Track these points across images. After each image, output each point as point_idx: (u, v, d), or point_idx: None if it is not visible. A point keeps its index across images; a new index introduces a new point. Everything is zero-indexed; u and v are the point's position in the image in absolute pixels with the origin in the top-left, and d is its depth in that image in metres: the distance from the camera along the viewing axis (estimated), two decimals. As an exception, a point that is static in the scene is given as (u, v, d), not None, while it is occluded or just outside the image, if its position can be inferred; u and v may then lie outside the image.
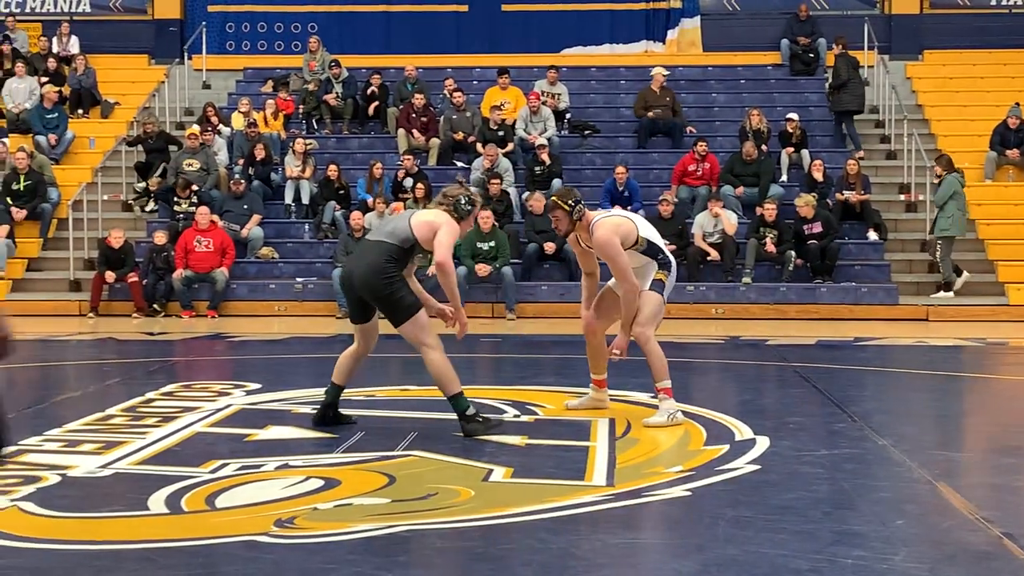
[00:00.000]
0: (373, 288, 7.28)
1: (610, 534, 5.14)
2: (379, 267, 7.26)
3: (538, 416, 8.16)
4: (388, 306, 7.32)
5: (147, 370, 10.57)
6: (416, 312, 7.33)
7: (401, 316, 7.31)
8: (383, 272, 7.25)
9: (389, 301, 7.30)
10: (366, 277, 7.29)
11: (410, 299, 7.35)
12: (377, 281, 7.26)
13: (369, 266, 7.32)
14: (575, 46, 23.28)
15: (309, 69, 21.50)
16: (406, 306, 7.30)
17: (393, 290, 7.26)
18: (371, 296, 7.33)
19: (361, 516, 5.41)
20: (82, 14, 23.91)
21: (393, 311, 7.33)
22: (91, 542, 5.02)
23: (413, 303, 7.35)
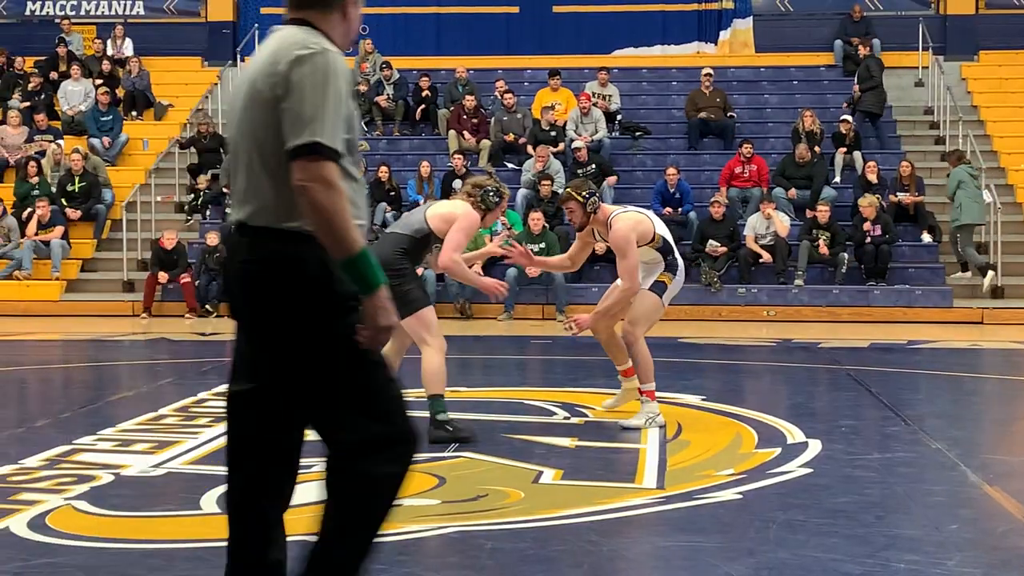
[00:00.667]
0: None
1: (660, 537, 5.12)
2: (389, 258, 7.14)
3: (588, 418, 8.13)
4: (397, 298, 7.17)
5: (199, 370, 10.64)
6: (422, 308, 7.20)
7: (406, 310, 7.12)
8: (392, 263, 7.11)
9: (398, 293, 7.13)
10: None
11: (417, 294, 7.24)
12: (388, 273, 7.14)
13: (379, 256, 7.22)
14: (626, 47, 23.23)
15: (361, 71, 21.58)
16: (411, 299, 7.15)
17: (401, 282, 7.07)
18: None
19: (411, 517, 5.41)
20: (136, 17, 24.14)
21: (401, 303, 7.05)
22: (143, 541, 5.05)
23: (419, 298, 7.24)
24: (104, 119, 20.35)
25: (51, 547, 4.91)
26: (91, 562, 4.73)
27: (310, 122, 3.32)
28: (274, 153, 3.41)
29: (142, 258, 17.91)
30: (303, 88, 3.36)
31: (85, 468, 6.42)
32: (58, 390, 10.71)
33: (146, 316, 16.51)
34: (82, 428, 7.56)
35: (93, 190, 18.53)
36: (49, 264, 17.62)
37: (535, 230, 16.38)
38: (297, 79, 3.37)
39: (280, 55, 3.45)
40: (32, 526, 5.20)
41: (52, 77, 21.53)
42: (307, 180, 3.30)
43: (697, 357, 12.30)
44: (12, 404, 9.84)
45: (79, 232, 18.50)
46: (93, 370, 11.85)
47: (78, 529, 5.19)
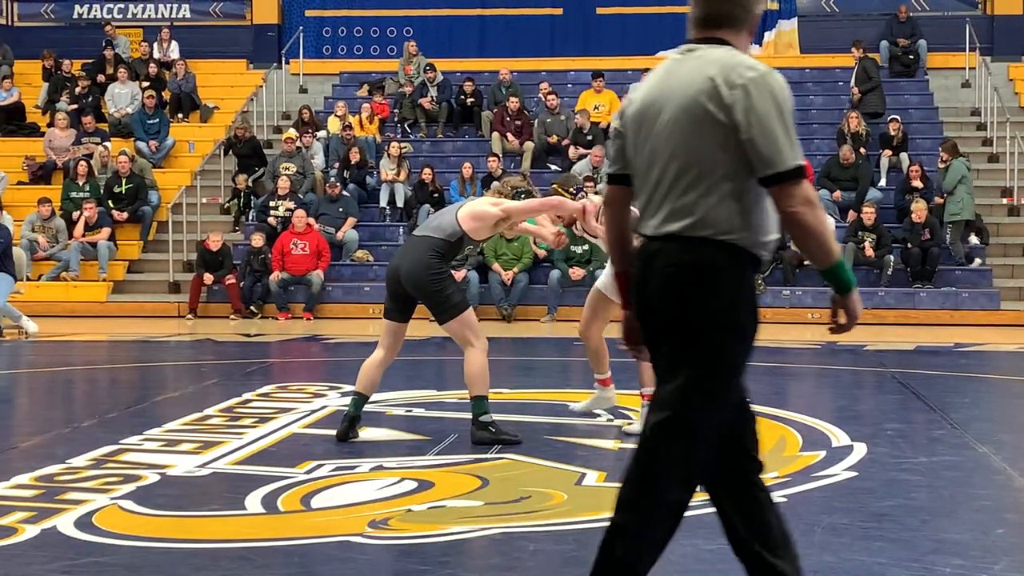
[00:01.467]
0: (420, 284, 7.12)
1: (704, 539, 5.09)
2: (425, 263, 7.11)
3: (631, 421, 8.11)
4: (435, 303, 7.19)
5: (244, 371, 10.70)
6: (463, 310, 7.20)
7: (448, 314, 7.16)
8: (430, 267, 7.11)
9: (437, 298, 7.16)
10: (413, 272, 7.13)
11: (458, 297, 7.24)
12: (424, 277, 7.10)
13: (415, 262, 7.17)
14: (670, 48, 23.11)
15: (405, 73, 21.66)
16: (454, 304, 7.16)
17: (442, 287, 7.12)
18: (418, 292, 7.17)
19: (455, 518, 5.42)
20: (182, 20, 24.33)
21: (440, 308, 7.18)
22: (188, 540, 5.08)
23: (461, 301, 7.23)
24: (151, 122, 20.51)
25: (97, 546, 4.95)
26: (136, 561, 4.76)
27: (784, 148, 3.48)
28: (709, 171, 3.53)
29: (188, 259, 18.04)
30: (767, 115, 3.49)
31: (131, 468, 6.46)
32: (105, 390, 10.80)
33: (191, 317, 16.62)
34: (128, 428, 7.62)
35: (140, 192, 18.68)
36: (96, 265, 17.77)
37: (578, 233, 16.33)
38: (757, 105, 3.50)
39: (725, 78, 3.54)
40: (79, 525, 5.24)
41: (99, 80, 21.72)
42: (796, 205, 3.49)
43: (741, 359, 12.22)
44: (59, 404, 9.94)
45: (126, 234, 18.65)
46: (139, 371, 11.94)
47: (124, 528, 5.23)
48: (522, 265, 16.40)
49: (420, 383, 9.91)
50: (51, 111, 21.12)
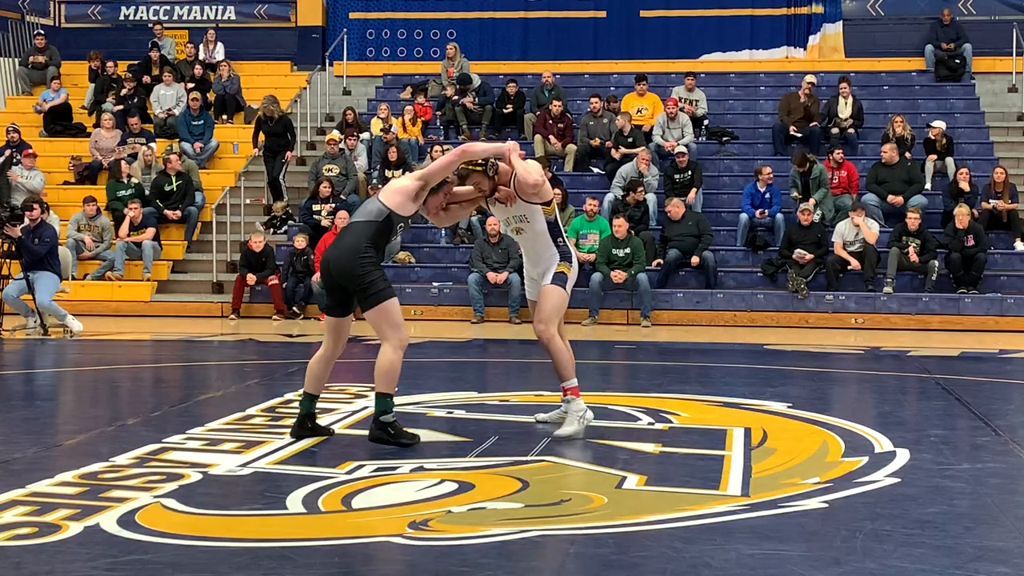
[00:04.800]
0: (347, 270, 6.97)
1: (745, 544, 5.07)
2: (354, 247, 6.99)
3: (672, 424, 8.09)
4: (359, 289, 6.97)
5: (286, 371, 10.74)
6: (387, 300, 7.00)
7: (370, 301, 6.98)
8: (358, 252, 6.97)
9: (361, 283, 6.97)
10: (341, 259, 7.01)
11: (381, 285, 7.01)
12: (351, 262, 6.97)
13: (344, 248, 7.04)
14: (714, 52, 23.12)
15: (447, 75, 21.69)
16: (377, 291, 6.98)
17: (367, 271, 6.95)
18: (346, 279, 7.00)
19: (495, 520, 5.42)
20: (227, 21, 24.50)
21: (363, 295, 6.99)
22: (230, 539, 5.10)
23: (385, 290, 7.01)
24: (195, 123, 20.64)
25: (140, 544, 4.98)
26: (179, 559, 4.79)
27: None
28: None
29: (231, 260, 18.14)
30: None
31: (174, 466, 6.50)
32: (148, 389, 10.88)
33: (234, 317, 16.72)
34: (172, 427, 7.67)
35: (187, 191, 18.82)
36: (141, 265, 17.91)
37: (619, 235, 16.34)
38: None
39: None
40: (122, 523, 5.27)
41: (145, 81, 21.89)
42: None
43: (783, 364, 12.19)
44: (104, 403, 10.01)
45: (170, 234, 18.79)
46: (183, 370, 12.02)
47: (167, 527, 5.26)
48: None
49: (461, 385, 9.92)
50: (97, 112, 21.31)
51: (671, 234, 17.00)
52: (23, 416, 8.77)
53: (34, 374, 11.82)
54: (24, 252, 14.47)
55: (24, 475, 6.20)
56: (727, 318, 16.46)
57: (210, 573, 4.61)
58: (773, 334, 15.30)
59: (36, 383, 11.23)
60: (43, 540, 4.99)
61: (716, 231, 17.57)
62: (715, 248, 17.22)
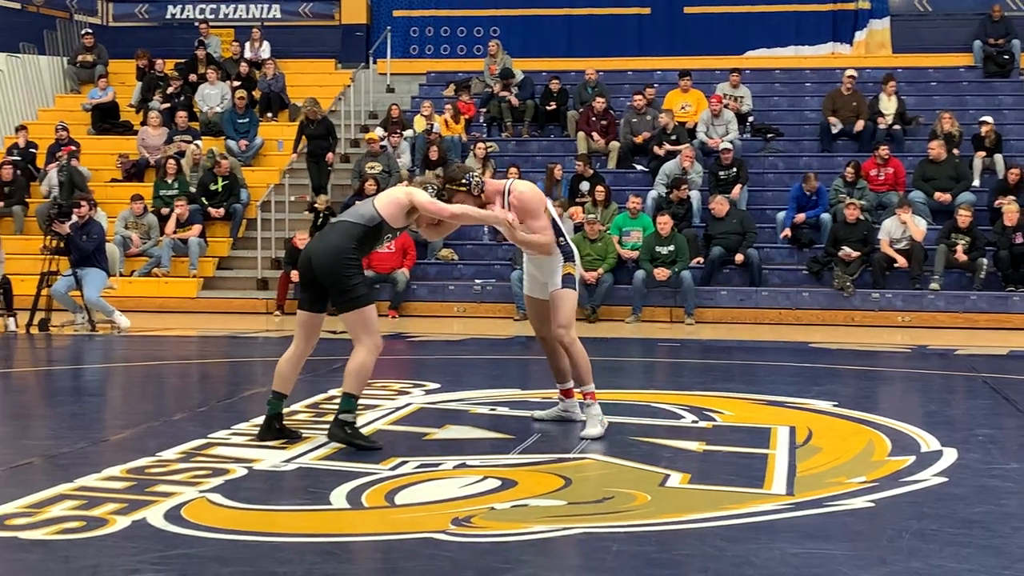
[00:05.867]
0: (328, 269, 6.86)
1: (789, 543, 5.05)
2: (339, 247, 6.88)
3: (716, 422, 8.06)
4: (339, 290, 6.89)
5: (330, 368, 10.78)
6: (366, 305, 6.92)
7: (349, 304, 6.88)
8: (342, 252, 6.87)
9: (342, 286, 6.87)
10: (324, 257, 6.89)
11: (363, 289, 6.93)
12: (336, 262, 6.85)
13: (328, 246, 6.93)
14: (759, 48, 23.00)
15: (490, 73, 21.70)
16: (357, 295, 6.88)
17: (349, 275, 6.86)
18: (326, 278, 6.89)
19: (537, 517, 5.42)
20: (273, 20, 24.63)
21: (343, 297, 6.89)
22: (274, 534, 5.13)
23: (365, 294, 6.94)
24: (240, 121, 20.76)
25: (186, 538, 5.01)
26: (224, 554, 4.82)
27: None
28: None
29: (276, 257, 18.23)
30: None
31: (220, 461, 6.54)
32: (194, 385, 10.96)
33: (279, 314, 16.80)
34: (217, 422, 7.72)
35: (233, 189, 18.93)
36: (187, 262, 18.03)
37: (664, 233, 16.30)
38: None
39: None
40: (168, 517, 5.31)
41: (191, 79, 22.03)
42: None
43: (829, 362, 12.12)
44: (150, 398, 10.09)
45: (216, 231, 18.90)
46: (228, 366, 12.09)
47: (212, 521, 5.30)
48: (607, 265, 16.37)
49: (504, 382, 9.92)
50: (144, 110, 21.46)
51: (715, 231, 16.94)
52: (71, 411, 8.86)
53: (82, 370, 11.93)
54: (72, 249, 14.60)
55: (72, 469, 6.26)
56: (772, 316, 16.37)
57: (255, 568, 4.63)
58: (818, 332, 15.21)
59: (84, 379, 11.34)
60: (91, 534, 5.04)
61: (760, 228, 17.49)
62: (759, 245, 17.13)
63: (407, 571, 4.67)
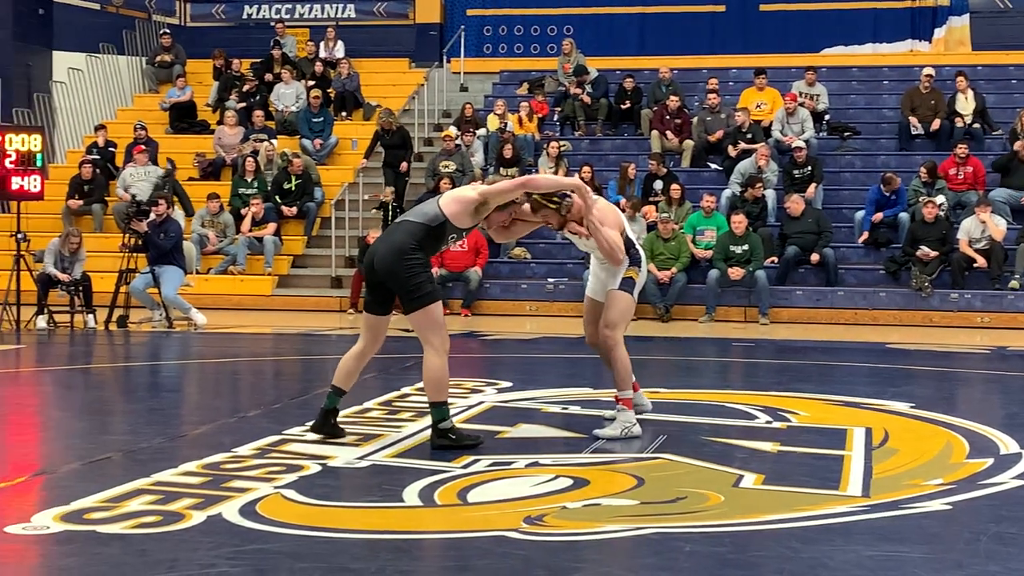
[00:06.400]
0: (393, 269, 6.79)
1: (864, 546, 4.99)
2: (402, 247, 6.80)
3: (791, 423, 7.99)
4: (405, 291, 6.81)
5: (402, 366, 10.83)
6: (432, 303, 6.82)
7: (415, 304, 6.79)
8: (406, 252, 6.79)
9: (407, 285, 6.79)
10: (387, 257, 6.81)
11: (429, 288, 6.82)
12: (398, 262, 6.78)
13: (392, 246, 6.84)
14: (835, 46, 22.79)
15: (563, 71, 21.69)
16: (423, 294, 6.79)
17: (414, 274, 6.78)
18: (390, 279, 6.83)
19: (609, 517, 5.41)
20: (347, 19, 24.79)
21: (408, 297, 6.81)
22: (348, 531, 5.15)
23: (431, 292, 6.83)
24: (315, 120, 20.91)
25: (261, 534, 5.05)
26: (298, 550, 4.85)
27: None
28: None
29: (349, 255, 18.34)
30: None
31: (294, 458, 6.59)
32: (269, 382, 11.05)
33: (352, 312, 16.88)
34: (292, 419, 7.78)
35: (306, 188, 19.08)
36: (262, 260, 18.20)
37: (738, 232, 16.19)
38: None
39: None
40: (243, 513, 5.36)
41: (267, 79, 22.23)
42: None
43: (906, 363, 11.97)
44: (226, 394, 10.20)
45: (290, 229, 19.06)
46: (302, 363, 12.19)
47: (286, 517, 5.34)
48: (680, 264, 16.29)
49: (577, 381, 9.92)
50: (221, 109, 21.69)
51: (790, 231, 16.79)
52: (148, 407, 8.97)
53: (159, 366, 12.08)
54: (150, 247, 14.80)
55: (149, 464, 6.34)
56: (848, 316, 16.21)
57: (328, 564, 4.66)
58: (895, 333, 15.03)
59: (161, 375, 11.48)
60: (168, 528, 5.10)
61: (837, 228, 17.31)
62: (836, 245, 16.96)
63: (479, 569, 4.67)
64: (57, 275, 14.74)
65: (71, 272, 14.83)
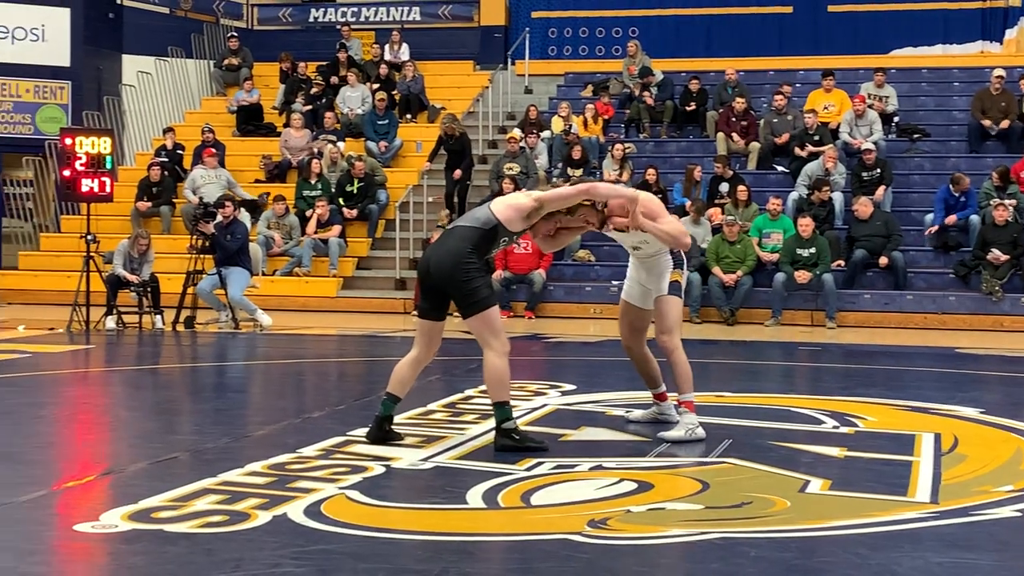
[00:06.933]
0: (448, 274, 6.81)
1: (933, 553, 4.93)
2: (457, 252, 6.81)
3: (858, 428, 7.91)
4: (462, 296, 6.84)
5: (467, 367, 10.84)
6: (489, 307, 6.84)
7: (472, 308, 6.82)
8: (461, 257, 6.80)
9: (463, 290, 6.81)
10: (443, 262, 6.85)
11: (485, 292, 6.85)
12: (454, 266, 6.80)
13: (447, 251, 6.88)
14: (905, 47, 22.54)
15: (628, 73, 21.63)
16: (480, 298, 6.81)
17: (470, 278, 6.79)
18: (446, 284, 6.86)
19: (674, 521, 5.37)
20: (412, 22, 24.87)
21: (465, 301, 6.83)
22: (411, 532, 5.16)
23: (488, 296, 6.85)
24: (380, 122, 21.00)
25: (325, 534, 5.07)
26: (362, 551, 4.87)
27: None
28: None
29: (414, 257, 18.39)
30: None
31: (358, 459, 6.62)
32: (334, 383, 11.11)
33: (416, 314, 16.93)
34: (356, 420, 7.80)
35: (369, 190, 19.16)
36: (327, 261, 18.30)
37: (805, 235, 16.05)
38: None
39: None
40: (308, 513, 5.39)
41: (333, 82, 22.36)
42: None
43: (976, 368, 11.81)
44: (291, 395, 10.26)
45: (355, 231, 19.15)
46: (366, 365, 12.23)
47: (350, 518, 5.35)
48: (746, 268, 16.19)
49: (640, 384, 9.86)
50: (287, 112, 21.85)
51: (858, 234, 16.62)
52: (215, 407, 9.05)
53: (225, 367, 12.19)
54: (217, 248, 14.93)
55: (216, 464, 6.39)
56: (917, 320, 16.02)
57: (392, 565, 4.67)
58: (965, 337, 14.83)
59: (227, 375, 11.58)
60: (233, 528, 5.13)
61: (906, 231, 17.12)
62: (904, 248, 16.77)
63: (542, 572, 4.66)
64: (126, 276, 14.91)
65: (140, 273, 14.99)
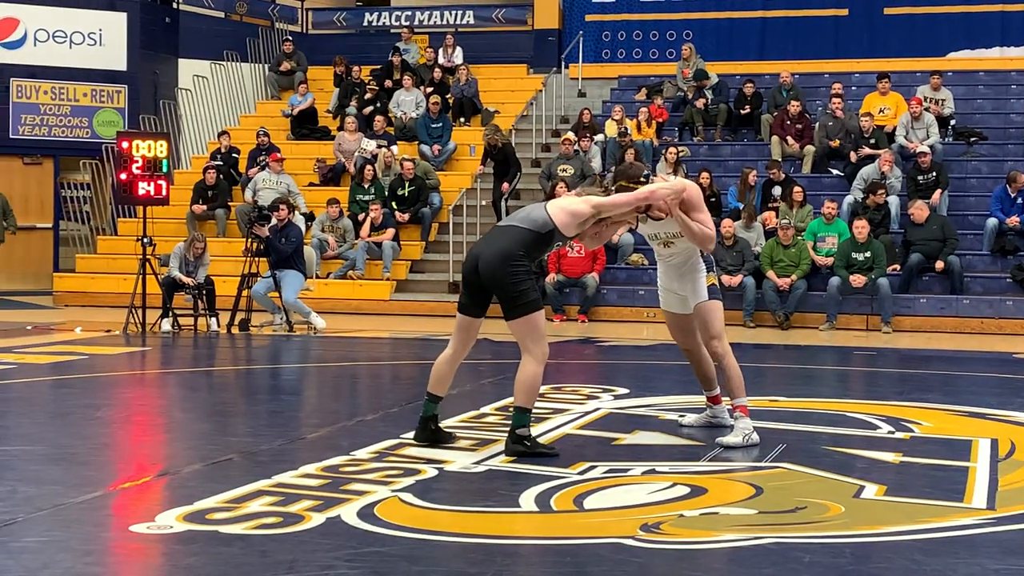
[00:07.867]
0: (497, 274, 6.75)
1: (991, 559, 4.88)
2: (508, 252, 6.75)
3: (914, 433, 7.84)
4: (508, 297, 6.78)
5: (520, 371, 10.85)
6: (534, 312, 6.78)
7: (517, 311, 6.77)
8: (512, 258, 6.73)
9: (511, 292, 6.75)
10: (492, 262, 6.77)
11: (532, 295, 6.79)
12: (504, 268, 6.73)
13: (498, 251, 6.80)
14: (962, 49, 22.31)
15: (683, 76, 21.56)
16: (527, 302, 6.75)
17: (519, 280, 6.73)
18: (493, 284, 6.79)
19: (727, 526, 5.35)
20: (466, 26, 24.92)
21: (511, 303, 6.78)
22: (464, 535, 5.17)
23: (534, 300, 6.79)
24: (434, 126, 21.06)
25: (378, 536, 5.09)
26: (415, 553, 4.88)
27: None
28: None
29: (467, 260, 18.40)
30: None
31: (411, 462, 6.64)
32: (387, 386, 11.15)
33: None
34: (409, 423, 7.81)
35: (421, 194, 19.22)
36: (380, 265, 18.37)
37: (860, 238, 15.93)
38: None
39: None
40: (361, 515, 5.41)
41: (387, 85, 22.45)
42: None
43: (1033, 374, 11.67)
44: (345, 398, 10.31)
45: (409, 234, 19.21)
46: (419, 368, 12.24)
47: (403, 520, 5.37)
48: (800, 272, 16.09)
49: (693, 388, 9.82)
50: (341, 116, 21.95)
51: (914, 238, 16.48)
52: (269, 409, 9.11)
53: (279, 369, 12.26)
54: (271, 251, 15.03)
55: (270, 466, 6.43)
56: (973, 325, 15.86)
57: (444, 567, 4.68)
58: (1023, 342, 14.66)
59: (281, 378, 11.65)
60: (287, 530, 5.16)
61: (963, 235, 16.95)
62: (961, 252, 16.60)
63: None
64: (182, 279, 15.03)
65: (195, 276, 15.11)
